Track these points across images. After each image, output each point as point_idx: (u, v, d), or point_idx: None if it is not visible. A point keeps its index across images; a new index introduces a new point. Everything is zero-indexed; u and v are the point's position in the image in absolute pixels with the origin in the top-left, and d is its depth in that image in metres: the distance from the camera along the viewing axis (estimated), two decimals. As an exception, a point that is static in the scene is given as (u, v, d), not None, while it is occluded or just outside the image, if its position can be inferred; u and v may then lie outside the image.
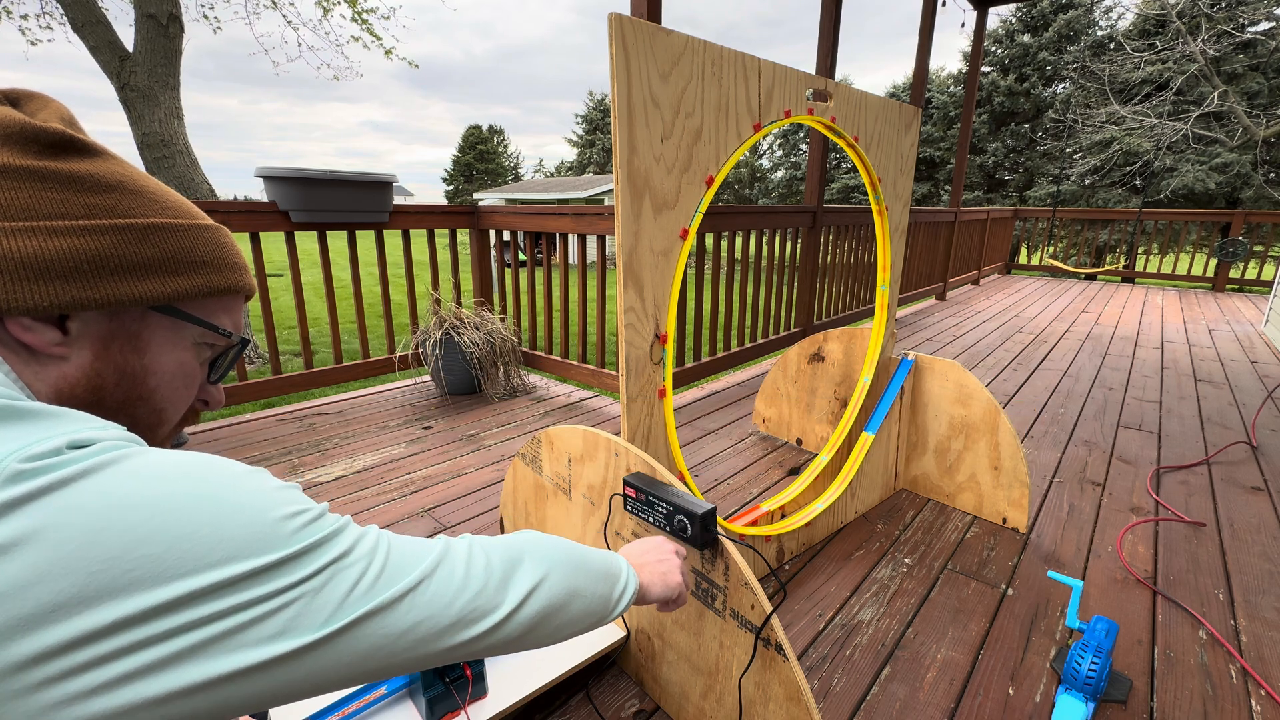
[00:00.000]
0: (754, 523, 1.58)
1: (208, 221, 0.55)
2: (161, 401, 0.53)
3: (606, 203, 18.34)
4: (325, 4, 8.71)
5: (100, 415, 0.49)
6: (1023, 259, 10.03)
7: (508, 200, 22.35)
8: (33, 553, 0.32)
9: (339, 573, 0.43)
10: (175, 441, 0.90)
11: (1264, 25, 13.72)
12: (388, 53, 9.41)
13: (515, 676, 1.11)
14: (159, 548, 0.35)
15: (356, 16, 8.78)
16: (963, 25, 6.20)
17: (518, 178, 51.02)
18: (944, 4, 5.08)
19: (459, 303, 3.04)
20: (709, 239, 3.95)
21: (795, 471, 2.22)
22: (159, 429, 0.55)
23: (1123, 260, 8.33)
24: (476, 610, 0.51)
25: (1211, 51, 13.24)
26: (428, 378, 3.24)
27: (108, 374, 0.49)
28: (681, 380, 3.10)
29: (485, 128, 49.96)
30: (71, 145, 0.46)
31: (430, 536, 0.56)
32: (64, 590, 0.32)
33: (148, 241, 0.49)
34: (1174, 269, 7.66)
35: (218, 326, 0.55)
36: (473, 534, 0.57)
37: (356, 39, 9.12)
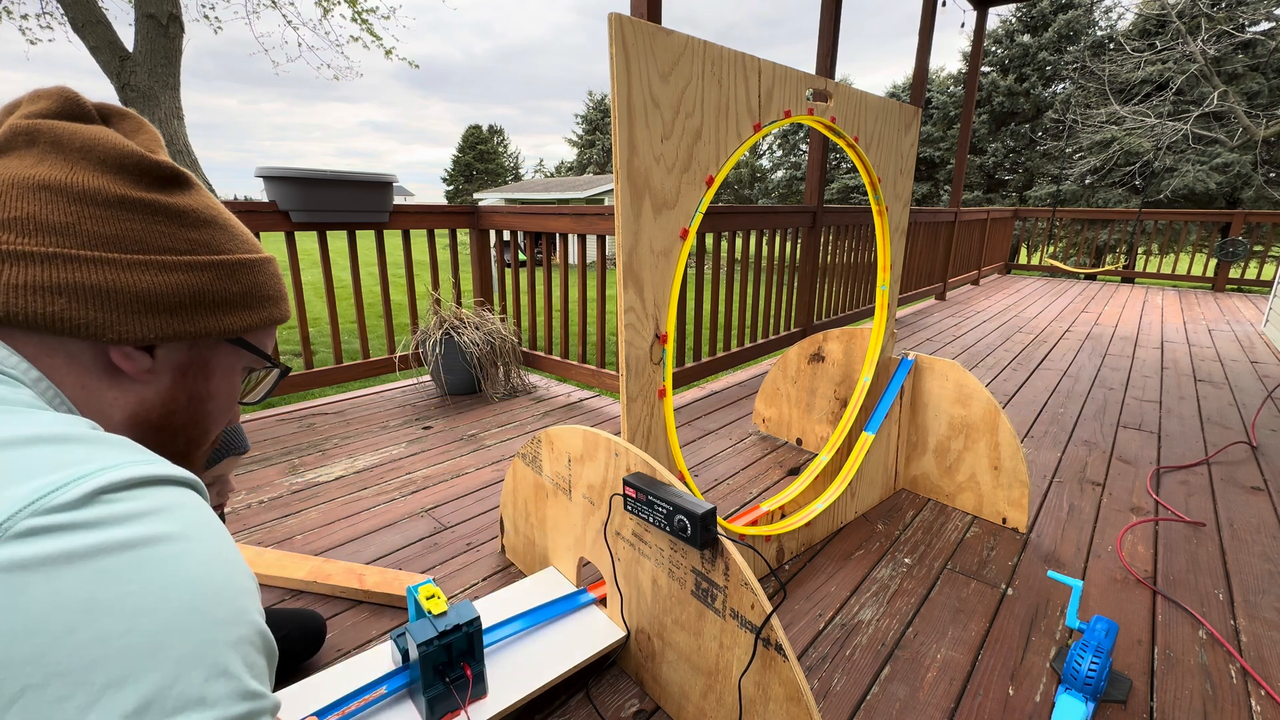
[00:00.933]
0: (754, 523, 1.58)
1: (268, 255, 0.57)
2: (211, 423, 0.56)
3: (606, 203, 18.34)
4: (325, 4, 8.71)
5: (163, 437, 0.51)
6: (1023, 259, 10.03)
7: (508, 200, 22.35)
8: None
9: None
10: (236, 449, 0.96)
11: (1264, 25, 13.72)
12: (388, 53, 9.41)
13: (515, 676, 1.11)
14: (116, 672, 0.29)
15: (357, 16, 8.78)
16: (963, 25, 6.20)
17: (518, 178, 51.01)
18: (944, 4, 5.08)
19: (459, 303, 3.04)
20: (709, 239, 3.95)
21: (795, 471, 2.22)
22: (202, 445, 0.57)
23: (1123, 260, 8.34)
24: None
25: (1211, 51, 13.25)
26: (428, 378, 3.24)
27: (181, 398, 0.51)
28: (681, 380, 3.10)
29: (485, 128, 49.96)
30: (177, 179, 0.48)
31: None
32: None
33: (235, 278, 0.52)
34: (1174, 269, 7.66)
35: (269, 356, 0.59)
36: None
37: (356, 39, 9.12)
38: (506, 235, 3.21)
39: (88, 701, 0.28)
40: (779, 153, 31.07)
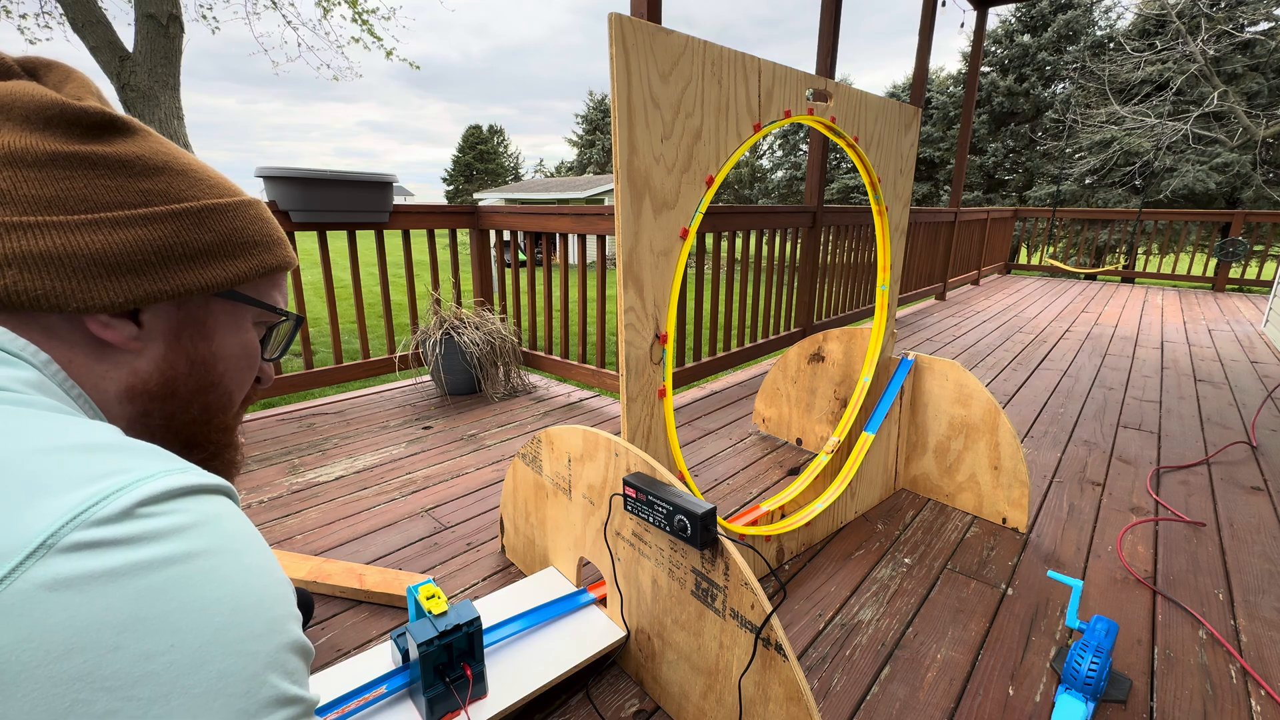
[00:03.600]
0: (754, 523, 1.58)
1: (248, 197, 0.53)
2: (230, 385, 0.53)
3: (606, 203, 18.34)
4: (325, 4, 8.72)
5: (172, 406, 0.49)
6: (1023, 259, 10.04)
7: (508, 200, 22.35)
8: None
9: None
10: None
11: (1264, 25, 13.72)
12: (388, 54, 9.42)
13: (515, 676, 1.11)
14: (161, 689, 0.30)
15: (357, 17, 8.78)
16: (962, 25, 6.20)
17: (518, 178, 51.02)
18: (944, 4, 5.08)
19: (459, 303, 3.04)
20: (709, 239, 3.95)
21: (795, 471, 2.22)
22: (228, 410, 0.54)
23: (1123, 260, 8.34)
24: None
25: (1211, 51, 13.25)
26: (428, 378, 3.24)
27: (180, 364, 0.48)
28: (681, 380, 3.10)
29: (485, 128, 49.97)
30: (113, 125, 0.44)
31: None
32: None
33: (204, 226, 0.47)
34: (1174, 269, 7.66)
35: (274, 306, 0.55)
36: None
37: (357, 40, 9.13)
38: (506, 235, 3.21)
39: (135, 716, 0.28)
40: (779, 153, 31.08)
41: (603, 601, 1.31)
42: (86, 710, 0.28)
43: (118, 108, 0.52)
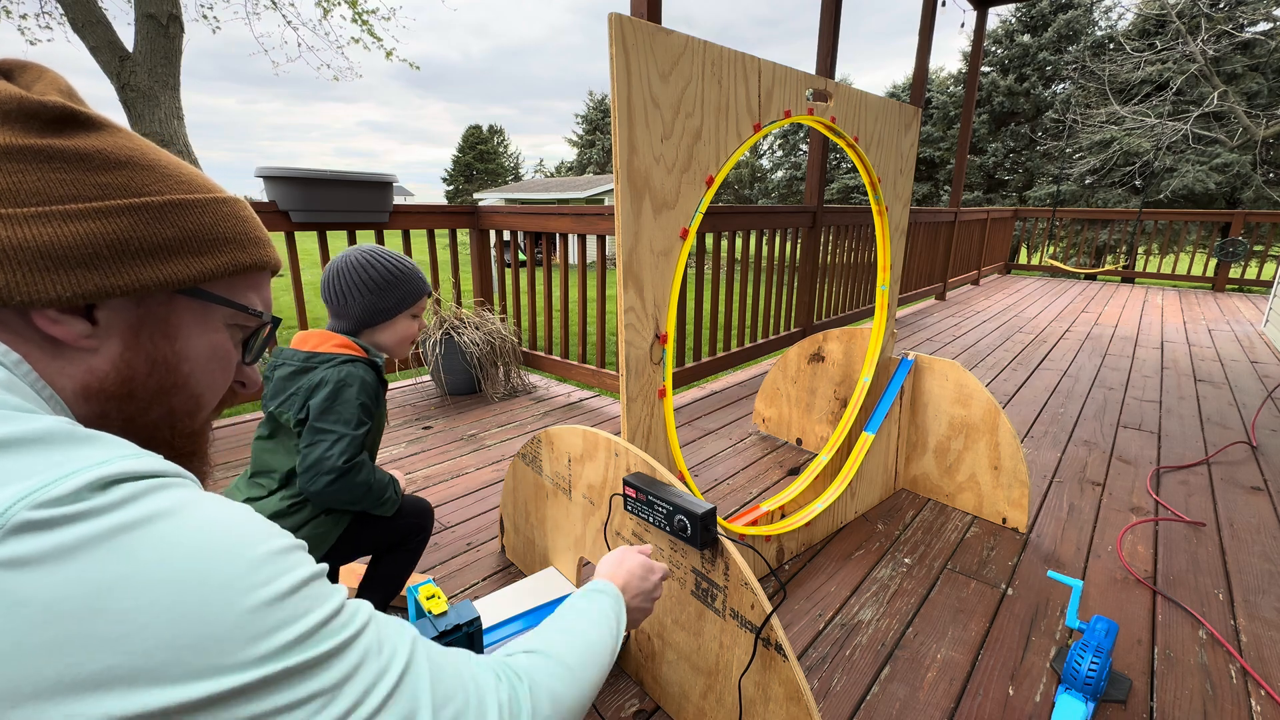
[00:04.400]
0: (754, 523, 1.58)
1: (225, 194, 0.52)
2: (198, 387, 0.51)
3: (606, 203, 18.34)
4: (325, 4, 8.71)
5: (133, 407, 0.47)
6: (1023, 259, 10.04)
7: (508, 200, 22.35)
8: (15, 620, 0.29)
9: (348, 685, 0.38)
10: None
11: (1264, 25, 13.71)
12: (388, 54, 9.41)
13: (515, 676, 1.11)
14: (167, 643, 0.32)
15: (357, 17, 8.77)
16: (962, 25, 6.20)
17: (518, 178, 51.02)
18: (944, 4, 5.08)
19: (459, 303, 3.04)
20: (709, 239, 3.95)
21: (795, 471, 2.22)
22: (198, 414, 0.53)
23: (1123, 260, 8.34)
24: None
25: (1211, 51, 13.25)
26: (428, 378, 3.24)
27: (138, 364, 0.46)
28: (681, 380, 3.10)
29: (485, 128, 49.95)
30: (74, 119, 0.43)
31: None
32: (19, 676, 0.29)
33: (166, 220, 0.46)
34: (1174, 269, 7.66)
35: (247, 306, 0.53)
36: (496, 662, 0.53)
37: (357, 40, 9.12)
38: (506, 235, 3.21)
39: (131, 670, 0.30)
40: (779, 153, 31.07)
41: (603, 601, 1.31)
42: (81, 670, 0.29)
43: (117, 109, 0.51)
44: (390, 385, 3.13)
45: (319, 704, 0.36)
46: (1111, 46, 16.38)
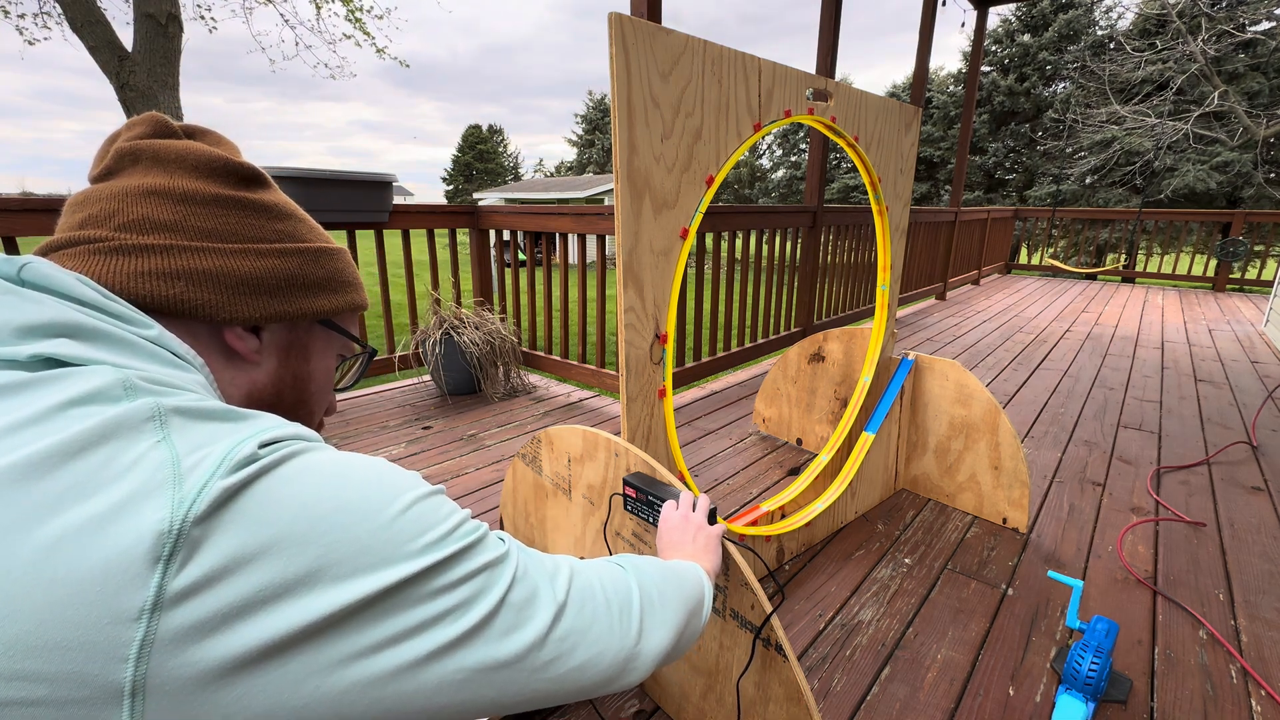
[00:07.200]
0: (754, 523, 1.58)
1: (341, 246, 0.63)
2: (314, 405, 0.62)
3: (606, 203, 18.33)
4: (319, 1, 8.70)
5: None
6: (1023, 259, 10.03)
7: (508, 200, 22.34)
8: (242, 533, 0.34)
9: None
10: None
11: (1264, 25, 13.71)
12: (379, 51, 9.40)
13: (515, 677, 1.10)
14: (346, 540, 0.38)
15: (350, 15, 8.76)
16: (963, 25, 6.21)
17: (517, 177, 50.99)
18: (944, 3, 5.08)
19: (459, 303, 3.04)
20: (709, 239, 3.94)
21: (795, 471, 2.21)
22: (310, 426, 0.60)
23: (1123, 260, 8.33)
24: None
25: (1212, 51, 13.23)
26: (427, 378, 3.23)
27: (286, 379, 0.57)
28: (681, 380, 3.09)
29: (485, 127, 49.96)
30: (259, 177, 0.55)
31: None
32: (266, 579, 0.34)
33: (318, 263, 0.57)
34: (1174, 269, 7.66)
35: (358, 338, 0.64)
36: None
37: (349, 37, 9.11)
38: (506, 235, 3.21)
39: (353, 565, 0.37)
40: (779, 152, 31.07)
41: (602, 602, 1.31)
42: (329, 563, 0.36)
43: (116, 109, 0.57)
44: (390, 385, 3.13)
45: (488, 574, 0.43)
46: (1112, 46, 16.37)
